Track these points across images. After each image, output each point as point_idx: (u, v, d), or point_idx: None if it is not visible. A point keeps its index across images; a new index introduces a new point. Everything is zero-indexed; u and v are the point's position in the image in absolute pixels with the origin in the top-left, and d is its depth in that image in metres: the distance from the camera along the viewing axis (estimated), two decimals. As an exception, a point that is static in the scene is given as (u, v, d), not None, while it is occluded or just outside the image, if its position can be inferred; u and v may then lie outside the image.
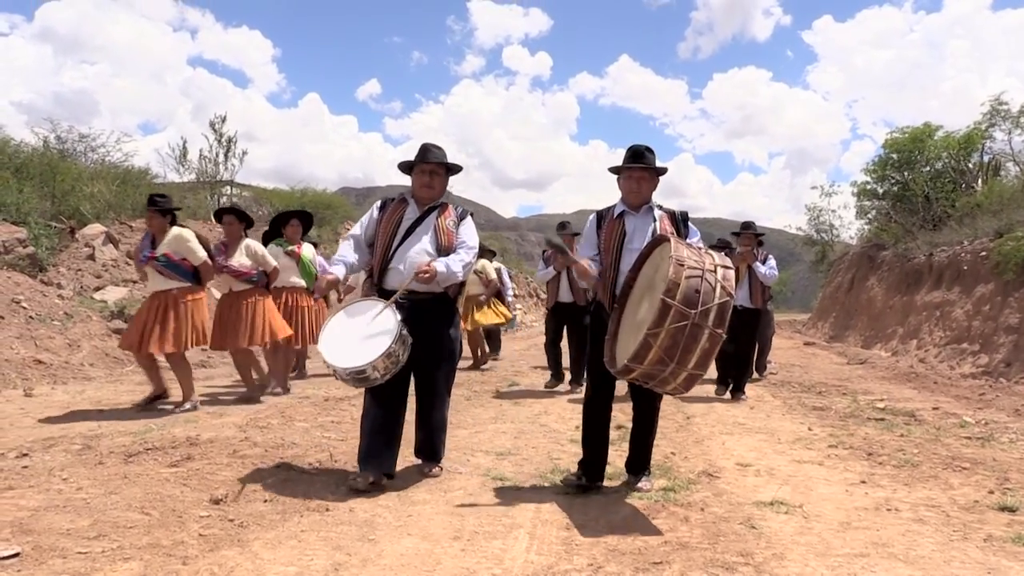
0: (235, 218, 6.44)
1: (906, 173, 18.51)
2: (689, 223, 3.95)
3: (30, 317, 8.74)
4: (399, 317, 3.61)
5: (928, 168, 18.24)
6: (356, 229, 4.07)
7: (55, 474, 3.74)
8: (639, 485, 3.85)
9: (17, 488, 3.49)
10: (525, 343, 15.77)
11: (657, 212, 3.92)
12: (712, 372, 8.26)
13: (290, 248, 7.40)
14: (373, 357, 3.46)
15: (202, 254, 5.93)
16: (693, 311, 2.99)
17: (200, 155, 18.99)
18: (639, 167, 3.88)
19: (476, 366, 10.30)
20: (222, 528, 3.01)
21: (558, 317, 8.00)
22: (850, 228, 24.31)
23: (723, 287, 3.09)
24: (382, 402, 3.81)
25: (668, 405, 6.75)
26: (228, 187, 19.33)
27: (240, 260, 6.33)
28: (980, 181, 16.95)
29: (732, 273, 3.17)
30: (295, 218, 7.60)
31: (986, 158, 17.48)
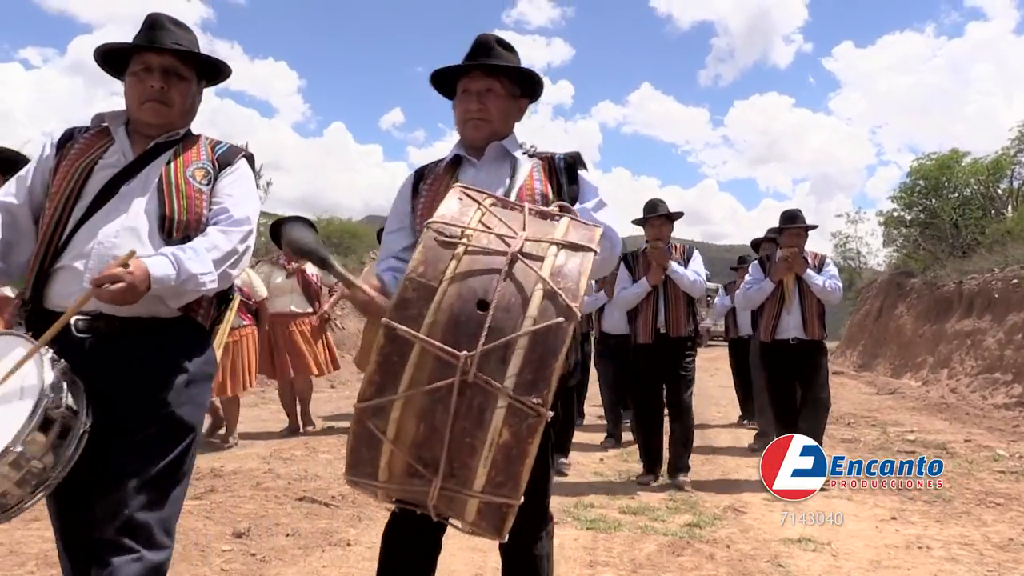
0: None
1: (933, 200, 18.33)
2: (582, 176, 2.03)
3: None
4: (53, 376, 1.65)
5: (956, 195, 18.06)
6: (7, 190, 1.97)
7: (81, 506, 3.77)
8: None
9: (43, 519, 3.51)
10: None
11: (523, 159, 2.02)
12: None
13: None
14: None
15: None
16: (467, 353, 1.34)
17: (226, 186, 19.31)
18: (481, 67, 2.02)
19: (293, 430, 6.35)
20: (244, 563, 3.02)
21: None
22: (877, 255, 24.06)
23: (552, 294, 1.40)
24: (70, 550, 2.01)
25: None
26: (255, 217, 19.57)
27: None
28: (1010, 207, 16.73)
29: (582, 262, 1.47)
30: None
31: (1016, 184, 17.27)
